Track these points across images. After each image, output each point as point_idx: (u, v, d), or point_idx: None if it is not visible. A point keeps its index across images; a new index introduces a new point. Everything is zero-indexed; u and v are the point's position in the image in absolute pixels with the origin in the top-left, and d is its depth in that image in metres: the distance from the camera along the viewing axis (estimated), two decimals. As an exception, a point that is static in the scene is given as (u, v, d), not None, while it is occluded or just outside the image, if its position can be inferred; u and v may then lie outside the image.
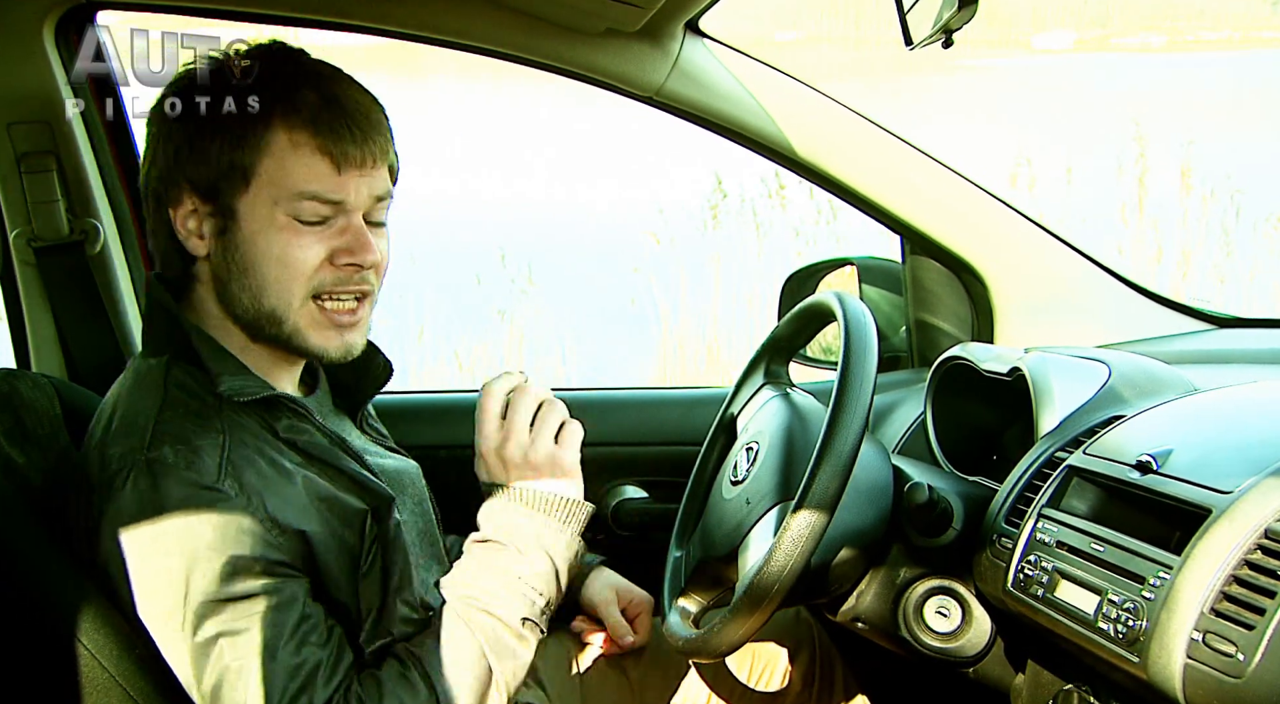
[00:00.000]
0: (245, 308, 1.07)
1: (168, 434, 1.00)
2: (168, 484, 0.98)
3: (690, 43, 1.55)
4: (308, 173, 1.04)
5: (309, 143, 1.04)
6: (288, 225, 1.05)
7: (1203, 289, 4.68)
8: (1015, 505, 1.17)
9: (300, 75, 1.06)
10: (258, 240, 1.05)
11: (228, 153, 1.03)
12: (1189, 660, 0.90)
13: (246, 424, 1.05)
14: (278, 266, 1.05)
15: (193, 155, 1.05)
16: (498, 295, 4.76)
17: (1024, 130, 7.35)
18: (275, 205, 1.04)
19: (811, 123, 1.59)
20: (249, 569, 0.98)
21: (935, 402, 1.48)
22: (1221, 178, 5.05)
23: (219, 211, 1.05)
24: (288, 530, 1.02)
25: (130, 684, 0.97)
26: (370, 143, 1.07)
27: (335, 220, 1.06)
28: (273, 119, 1.03)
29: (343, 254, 1.07)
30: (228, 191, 1.04)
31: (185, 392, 1.05)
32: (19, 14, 1.47)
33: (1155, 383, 1.28)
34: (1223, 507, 0.94)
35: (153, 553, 0.97)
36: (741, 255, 4.95)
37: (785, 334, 1.41)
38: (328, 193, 1.05)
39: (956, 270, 1.67)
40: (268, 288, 1.06)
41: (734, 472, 1.31)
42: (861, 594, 1.24)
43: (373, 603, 1.09)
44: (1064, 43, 18.52)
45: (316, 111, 1.04)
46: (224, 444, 1.02)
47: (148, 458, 0.99)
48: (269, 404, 1.08)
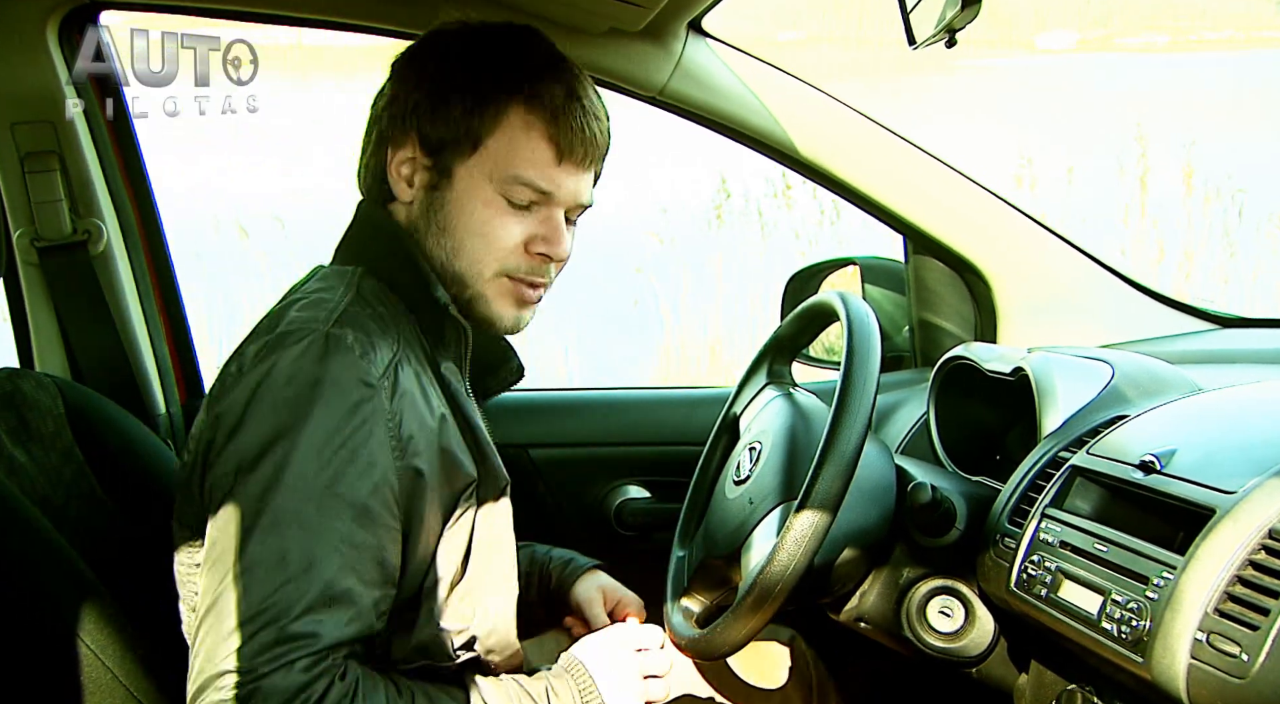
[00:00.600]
0: (436, 260, 1.10)
1: (353, 320, 1.02)
2: (338, 363, 0.98)
3: (693, 42, 1.55)
4: (531, 157, 1.08)
5: (541, 128, 1.08)
6: (494, 201, 1.08)
7: (1205, 289, 4.67)
8: (1018, 505, 1.17)
9: (551, 63, 1.11)
10: (464, 206, 1.09)
11: (464, 119, 1.07)
12: (1193, 661, 0.90)
13: (415, 350, 1.07)
14: (475, 238, 1.09)
15: (432, 111, 1.08)
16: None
17: (1026, 130, 7.34)
18: (490, 181, 1.08)
19: (815, 122, 1.59)
20: (367, 481, 0.97)
21: (938, 401, 1.48)
22: (1224, 178, 5.04)
23: (437, 168, 1.09)
24: (408, 457, 1.01)
25: (132, 684, 0.97)
26: (594, 144, 1.11)
27: (539, 209, 1.10)
28: (516, 97, 1.07)
29: (539, 243, 1.10)
30: (452, 153, 1.08)
31: (374, 297, 1.07)
32: (22, 14, 1.47)
33: (1159, 383, 1.28)
34: (1227, 507, 0.94)
35: (285, 417, 0.96)
36: (745, 255, 4.95)
37: (788, 334, 1.41)
38: (542, 181, 1.09)
39: (959, 270, 1.67)
40: (461, 253, 1.09)
41: (737, 471, 1.31)
42: (864, 594, 1.24)
43: (442, 575, 1.07)
44: (1067, 42, 18.50)
45: (558, 100, 1.08)
46: (397, 350, 1.04)
47: (329, 331, 0.99)
48: (444, 337, 1.11)
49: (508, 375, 1.26)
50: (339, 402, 0.97)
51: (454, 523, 1.07)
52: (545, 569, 1.41)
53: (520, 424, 1.75)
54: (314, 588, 0.94)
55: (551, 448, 1.74)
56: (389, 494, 0.99)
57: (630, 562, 1.67)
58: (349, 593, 0.96)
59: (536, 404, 1.81)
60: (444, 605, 1.08)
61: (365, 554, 0.97)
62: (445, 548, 1.07)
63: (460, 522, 1.08)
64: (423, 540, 1.04)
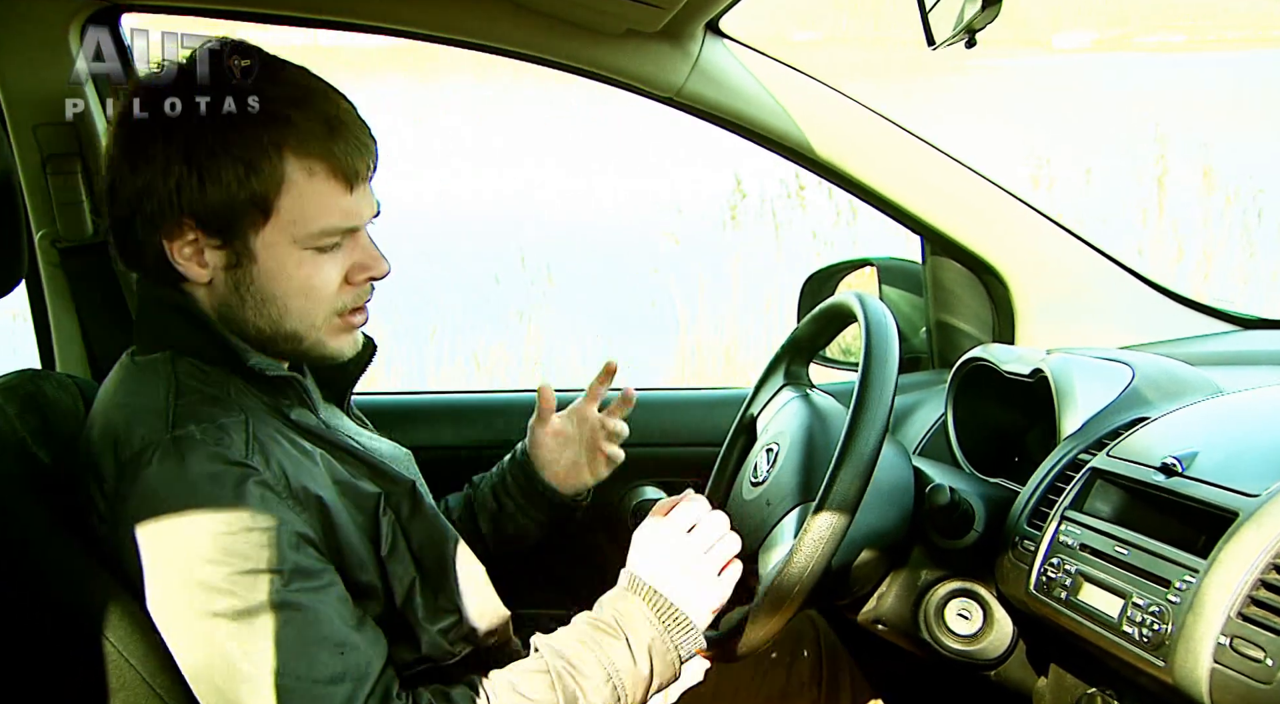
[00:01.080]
0: (259, 330, 1.06)
1: (190, 415, 0.99)
2: (197, 460, 0.96)
3: (710, 43, 1.55)
4: (326, 202, 1.02)
5: (323, 168, 1.01)
6: (306, 259, 1.03)
7: (1225, 290, 4.64)
8: (1038, 507, 1.16)
9: (297, 92, 1.02)
10: (277, 276, 1.03)
11: (243, 186, 0.99)
12: (1216, 665, 0.89)
13: (260, 410, 1.05)
14: (300, 297, 1.04)
15: (202, 187, 0.99)
16: (517, 296, 4.77)
17: (1043, 130, 7.31)
18: (295, 243, 1.02)
19: (832, 123, 1.59)
20: (281, 543, 0.97)
21: (956, 403, 1.47)
22: (1243, 178, 5.01)
23: (229, 247, 1.02)
24: (310, 506, 1.01)
25: (157, 682, 0.98)
26: (370, 152, 1.05)
27: (346, 239, 1.05)
28: (285, 148, 0.99)
29: (359, 271, 1.07)
30: (241, 227, 1.01)
31: (195, 380, 1.04)
32: (44, 17, 1.48)
33: (1179, 385, 1.27)
34: (1250, 510, 0.93)
35: (182, 529, 0.95)
36: (760, 256, 4.94)
37: (805, 335, 1.41)
38: (345, 221, 1.04)
39: (977, 271, 1.67)
40: (289, 315, 1.05)
41: (754, 472, 1.30)
42: (882, 596, 1.24)
43: (406, 586, 1.07)
44: (1083, 42, 18.40)
45: (323, 132, 1.01)
46: (247, 422, 1.01)
47: (173, 436, 0.97)
48: (279, 389, 1.08)
49: (360, 355, 1.17)
50: (222, 493, 0.96)
51: (386, 539, 1.07)
52: (500, 473, 1.41)
53: None
54: (322, 653, 0.96)
55: None
56: (310, 547, 0.99)
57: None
58: (348, 638, 0.98)
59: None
60: (424, 609, 1.08)
61: (329, 601, 0.99)
62: (393, 564, 1.07)
63: (393, 536, 1.07)
64: (363, 569, 1.05)
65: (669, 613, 1.09)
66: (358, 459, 1.10)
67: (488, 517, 1.40)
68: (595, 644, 1.07)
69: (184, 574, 0.95)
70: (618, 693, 1.06)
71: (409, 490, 1.11)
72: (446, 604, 1.10)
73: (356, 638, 1.00)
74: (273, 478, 0.99)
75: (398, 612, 1.07)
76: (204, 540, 0.95)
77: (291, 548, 0.97)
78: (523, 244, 4.96)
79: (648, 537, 1.14)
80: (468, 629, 1.11)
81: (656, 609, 1.09)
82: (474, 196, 7.62)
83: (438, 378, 4.42)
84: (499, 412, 1.78)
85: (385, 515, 1.07)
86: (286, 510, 0.98)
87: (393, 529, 1.08)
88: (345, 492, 1.06)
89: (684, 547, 1.11)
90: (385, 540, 1.07)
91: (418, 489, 1.12)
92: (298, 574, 0.97)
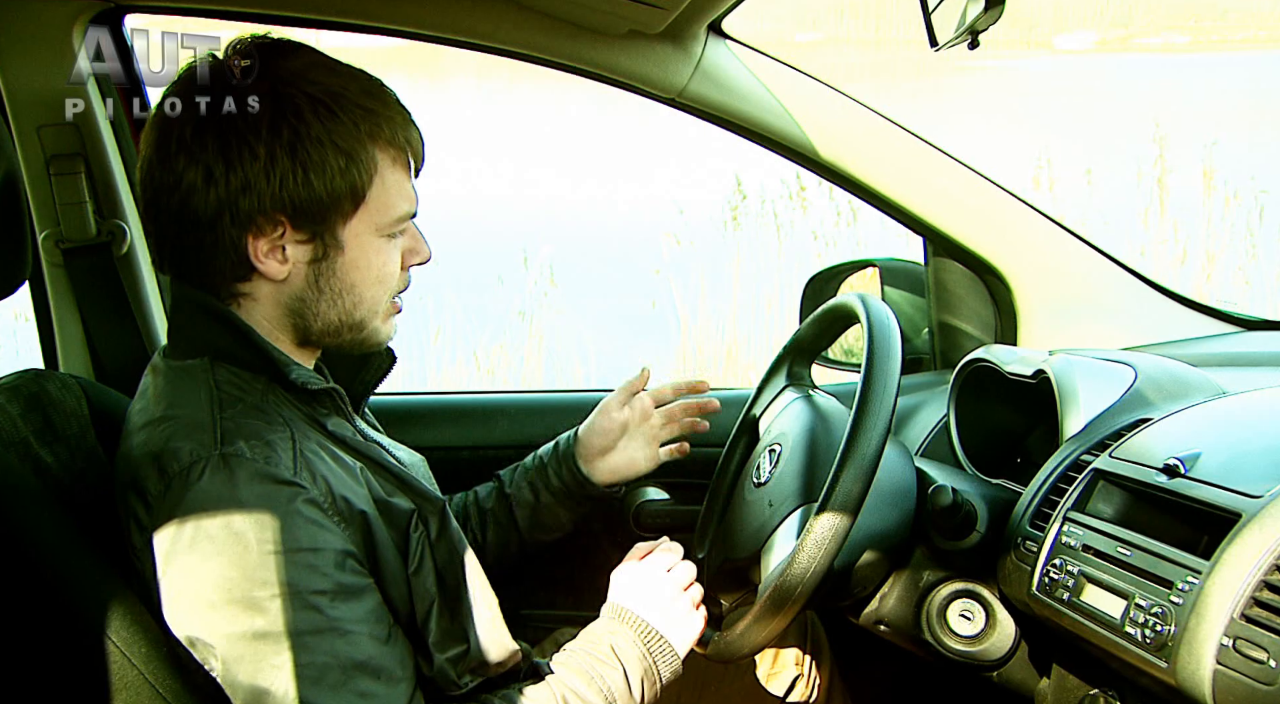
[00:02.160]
0: (330, 321, 1.08)
1: (238, 430, 0.99)
2: (246, 478, 0.96)
3: (713, 44, 1.55)
4: (403, 190, 1.07)
5: (401, 158, 1.06)
6: (383, 245, 1.07)
7: (1227, 291, 4.63)
8: (1040, 509, 1.16)
9: (370, 83, 1.06)
10: (360, 264, 1.06)
11: (344, 177, 1.02)
12: (1219, 666, 0.89)
13: (299, 420, 1.05)
14: (376, 285, 1.08)
15: (306, 178, 1.00)
16: (519, 296, 4.77)
17: (1045, 131, 7.31)
18: (376, 231, 1.06)
19: (834, 124, 1.59)
20: (328, 563, 0.98)
21: (958, 404, 1.47)
22: (1245, 179, 5.00)
23: (318, 239, 1.04)
24: (354, 521, 1.02)
25: (160, 683, 0.97)
26: (423, 138, 1.10)
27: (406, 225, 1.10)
28: (378, 139, 1.03)
29: (411, 256, 1.11)
30: (332, 219, 1.03)
31: (236, 389, 1.04)
32: (48, 18, 1.48)
33: (1182, 386, 1.27)
34: (1253, 511, 0.93)
35: (231, 547, 0.95)
36: (762, 257, 4.94)
37: (808, 336, 1.41)
38: (413, 207, 1.08)
39: (979, 272, 1.67)
40: (362, 303, 1.08)
41: (757, 473, 1.30)
42: (884, 597, 1.24)
43: (426, 606, 1.08)
44: (1086, 43, 18.39)
45: (402, 121, 1.06)
46: (293, 438, 1.02)
47: (223, 453, 0.97)
48: (317, 400, 1.09)
49: (379, 365, 1.22)
50: (271, 513, 0.96)
51: (414, 557, 1.07)
52: (541, 466, 1.43)
53: (536, 425, 1.75)
54: (362, 677, 0.98)
55: None
56: (353, 562, 1.01)
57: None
58: (384, 660, 1.00)
59: (556, 405, 1.81)
60: (436, 633, 1.08)
61: (369, 621, 1.00)
62: (418, 581, 1.08)
63: (420, 554, 1.08)
64: (394, 584, 1.06)
65: (657, 643, 1.16)
66: (391, 474, 1.10)
67: (527, 510, 1.42)
68: (597, 675, 1.13)
69: (230, 592, 0.95)
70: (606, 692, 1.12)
71: (440, 509, 1.11)
72: (458, 632, 1.10)
73: (392, 663, 1.01)
74: (319, 495, 1.00)
75: (416, 632, 1.08)
76: (252, 559, 0.95)
77: (337, 567, 0.99)
78: (525, 244, 4.96)
79: (629, 576, 1.22)
80: (476, 661, 1.11)
81: (645, 639, 1.16)
82: (476, 196, 7.63)
83: (439, 378, 4.42)
84: (501, 412, 1.78)
85: (416, 531, 1.08)
86: (332, 528, 0.99)
87: (421, 546, 1.08)
88: (382, 506, 1.06)
89: (664, 585, 1.20)
90: (414, 557, 1.07)
91: (447, 509, 1.13)
92: (340, 594, 0.98)
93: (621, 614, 1.17)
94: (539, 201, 7.56)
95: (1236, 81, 12.67)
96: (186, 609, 0.97)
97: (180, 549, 0.96)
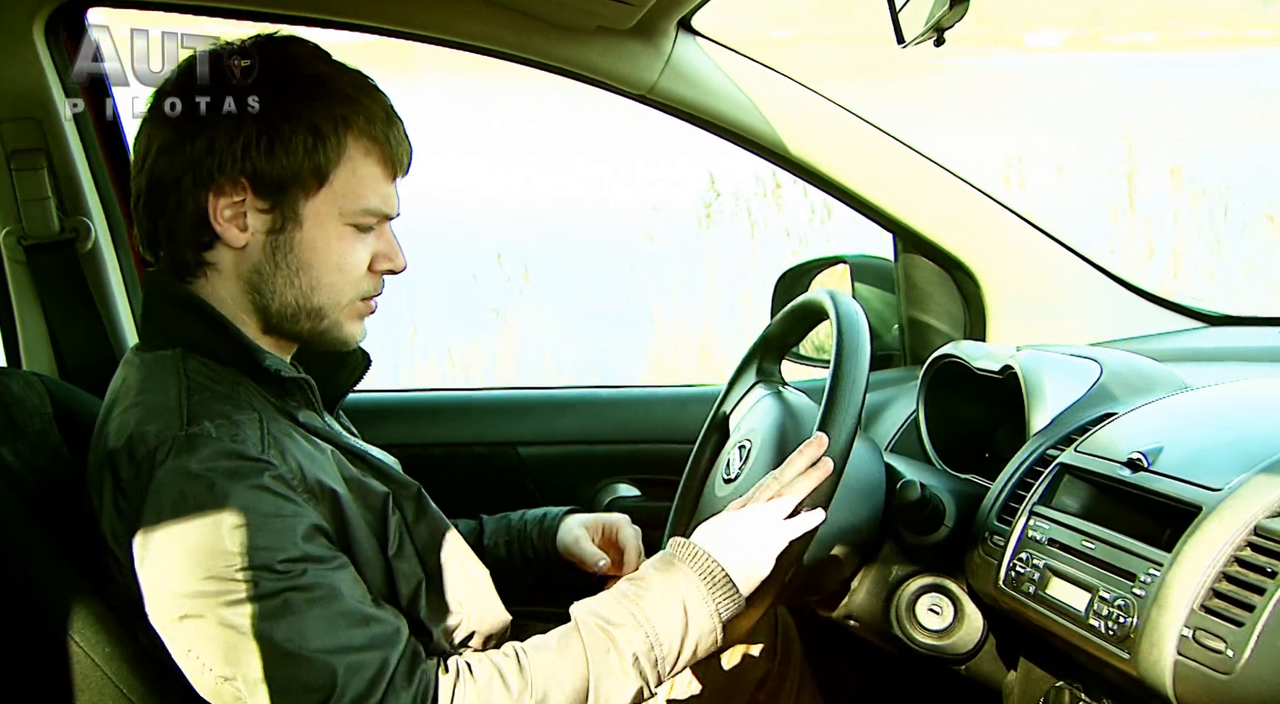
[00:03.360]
0: (287, 301, 1.08)
1: (204, 411, 1.00)
2: (212, 455, 0.97)
3: (683, 40, 1.55)
4: (374, 184, 1.07)
5: (377, 153, 1.07)
6: (346, 234, 1.07)
7: (1194, 287, 4.69)
8: (1007, 503, 1.17)
9: (361, 81, 1.08)
10: (317, 246, 1.06)
11: (309, 155, 1.03)
12: (1179, 657, 0.90)
13: (270, 411, 1.06)
14: (334, 272, 1.07)
15: (270, 150, 1.03)
16: (493, 294, 4.76)
17: (1016, 129, 7.37)
18: (339, 215, 1.06)
19: (804, 120, 1.59)
20: (296, 534, 0.97)
21: (928, 399, 1.48)
22: (1212, 176, 5.07)
23: (277, 210, 1.05)
24: (325, 500, 1.02)
25: (123, 681, 0.97)
26: (411, 152, 1.11)
27: (379, 226, 1.10)
28: (354, 126, 1.05)
29: (382, 260, 1.10)
30: (294, 193, 1.05)
31: (206, 379, 1.04)
32: (8, 12, 1.47)
33: (1147, 381, 1.28)
34: (1213, 504, 0.95)
35: (200, 524, 0.95)
36: (736, 254, 4.95)
37: (778, 332, 1.41)
38: (385, 205, 1.09)
39: (949, 268, 1.68)
40: (320, 288, 1.08)
41: (727, 470, 1.31)
42: (854, 592, 1.24)
43: (413, 587, 1.08)
44: (1055, 41, 18.55)
45: (382, 120, 1.07)
46: (261, 420, 1.02)
47: (188, 432, 0.97)
48: (288, 391, 1.09)
49: (354, 368, 1.22)
50: (238, 488, 0.96)
51: (394, 540, 1.08)
52: (523, 533, 1.40)
53: (509, 422, 1.75)
54: (349, 627, 0.97)
55: (541, 446, 1.74)
56: (323, 538, 1.00)
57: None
58: (370, 611, 1.00)
59: (526, 402, 1.81)
60: (427, 610, 1.09)
61: (346, 580, 1.00)
62: (400, 563, 1.08)
63: (400, 537, 1.08)
64: (370, 567, 1.05)
65: (708, 571, 1.05)
66: (363, 460, 1.11)
67: (497, 565, 1.39)
68: (627, 599, 1.05)
69: (205, 568, 0.95)
70: (649, 640, 1.02)
71: (415, 494, 1.12)
72: (451, 606, 1.11)
73: (377, 612, 1.01)
74: (288, 472, 1.00)
75: (404, 611, 1.07)
76: (222, 534, 0.95)
77: (306, 539, 0.98)
78: (499, 242, 4.94)
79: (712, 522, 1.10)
80: (470, 632, 1.13)
81: (699, 568, 1.05)
82: (449, 193, 7.59)
83: (412, 376, 4.40)
84: (474, 410, 1.78)
85: (393, 515, 1.08)
86: (302, 504, 1.00)
87: (399, 530, 1.09)
88: (355, 489, 1.07)
89: (742, 522, 1.08)
90: (392, 541, 1.08)
91: (423, 493, 1.13)
92: (311, 560, 0.98)
93: (680, 545, 1.07)
94: (513, 199, 7.54)
95: (1203, 80, 12.82)
96: (167, 591, 0.96)
97: (154, 531, 0.96)
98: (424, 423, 1.76)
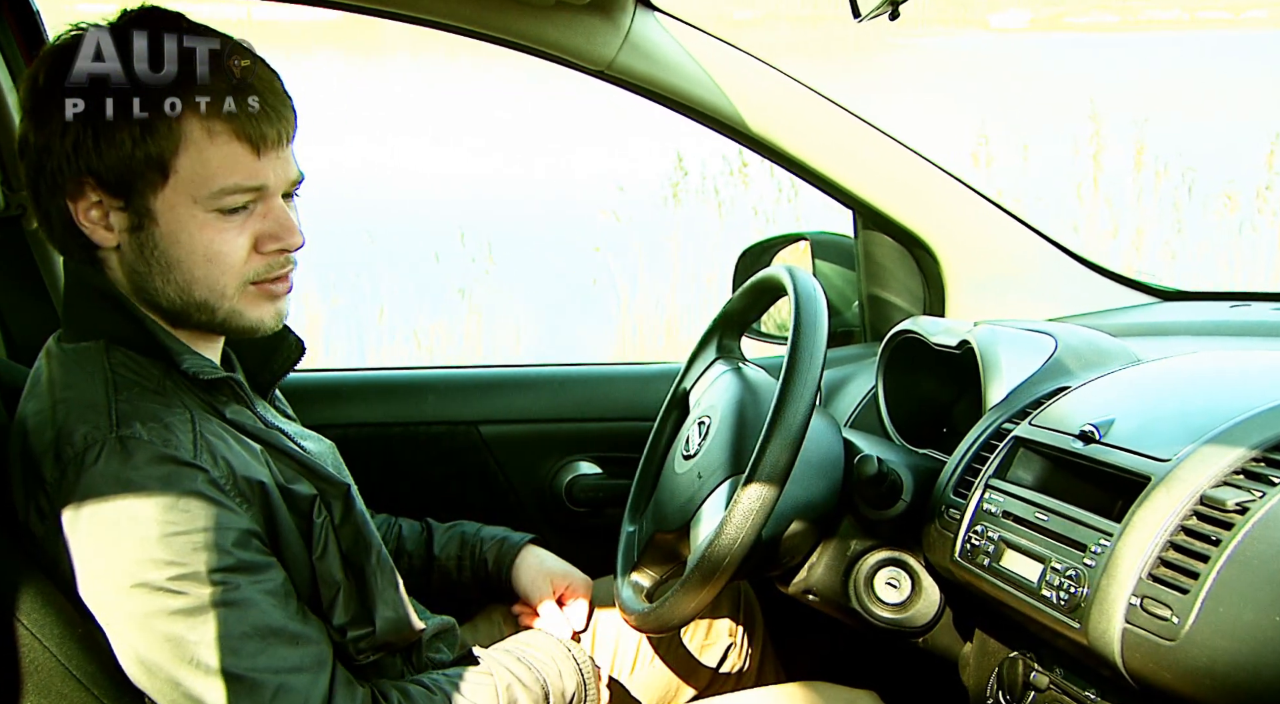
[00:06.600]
0: (170, 300, 1.03)
1: (134, 412, 0.97)
2: (145, 460, 0.94)
3: (641, 16, 1.54)
4: (228, 163, 0.98)
5: (226, 130, 0.98)
6: (209, 221, 1.00)
7: (1155, 264, 4.75)
8: (963, 477, 1.18)
9: (205, 54, 0.99)
10: (180, 239, 1.00)
11: (139, 146, 0.96)
12: (1127, 625, 0.91)
13: (198, 408, 1.03)
14: (205, 264, 1.01)
15: (97, 146, 0.97)
16: (457, 274, 4.73)
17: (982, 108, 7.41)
18: (195, 203, 0.99)
19: (764, 97, 1.59)
20: (228, 541, 0.96)
21: (886, 375, 1.49)
22: (1173, 155, 5.13)
23: (131, 208, 0.99)
24: (256, 500, 1.01)
25: (73, 664, 0.95)
26: (284, 120, 1.02)
27: (256, 205, 1.02)
28: (184, 108, 0.97)
29: (268, 240, 1.03)
30: (141, 189, 0.98)
31: (132, 373, 1.01)
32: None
33: (1100, 355, 1.30)
34: (1161, 474, 0.96)
35: (131, 530, 0.94)
36: (702, 234, 4.95)
37: (737, 308, 1.41)
38: (250, 180, 1.00)
39: (908, 245, 1.68)
40: (196, 283, 1.02)
41: (686, 446, 1.31)
42: (813, 567, 1.25)
43: (332, 593, 1.07)
44: (1020, 21, 18.65)
45: (229, 93, 0.98)
46: (193, 419, 1.00)
47: (119, 435, 0.95)
48: (215, 387, 1.06)
49: (288, 354, 1.18)
50: (170, 494, 0.94)
51: (318, 543, 1.06)
52: (478, 551, 1.40)
53: (470, 400, 1.74)
54: (280, 646, 0.98)
55: (502, 424, 1.73)
56: (256, 541, 1.00)
57: (581, 538, 1.67)
58: (300, 630, 1.00)
59: (487, 380, 1.80)
60: (343, 616, 1.08)
61: (278, 595, 1.00)
62: (323, 566, 1.07)
63: (324, 539, 1.07)
64: (296, 569, 1.05)
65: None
66: (294, 460, 1.09)
67: (445, 577, 1.41)
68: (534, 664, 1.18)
69: (135, 576, 0.94)
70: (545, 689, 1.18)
71: (344, 493, 1.10)
72: (364, 615, 1.10)
73: (308, 630, 1.01)
74: (220, 476, 0.98)
75: (320, 614, 1.07)
76: (153, 542, 0.94)
77: (238, 545, 0.97)
78: (462, 222, 4.91)
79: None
80: (380, 641, 1.11)
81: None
82: (413, 174, 7.52)
83: (379, 357, 4.37)
84: (430, 388, 1.76)
85: (319, 517, 1.07)
86: (234, 508, 0.98)
87: (324, 531, 1.07)
88: (283, 491, 1.05)
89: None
90: (318, 542, 1.06)
91: (352, 493, 1.11)
92: (244, 570, 0.97)
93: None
94: (477, 178, 7.49)
95: (1164, 61, 12.95)
96: (96, 596, 0.96)
97: (82, 537, 0.95)
98: (384, 401, 1.74)
